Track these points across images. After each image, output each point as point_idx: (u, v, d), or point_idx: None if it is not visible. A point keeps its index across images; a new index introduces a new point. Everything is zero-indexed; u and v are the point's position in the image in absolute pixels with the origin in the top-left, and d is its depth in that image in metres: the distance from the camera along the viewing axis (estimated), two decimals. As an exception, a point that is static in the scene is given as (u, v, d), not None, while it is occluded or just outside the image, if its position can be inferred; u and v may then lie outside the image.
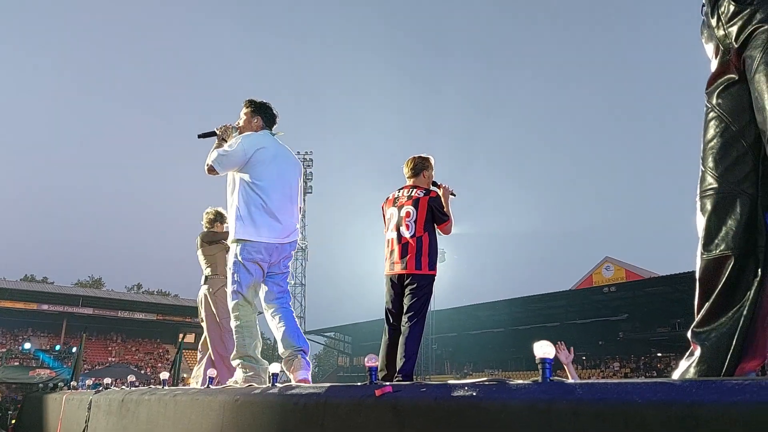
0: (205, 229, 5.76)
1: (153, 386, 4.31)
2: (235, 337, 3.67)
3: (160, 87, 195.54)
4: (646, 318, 33.99)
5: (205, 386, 3.44)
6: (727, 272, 1.82)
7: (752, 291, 1.77)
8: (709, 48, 2.05)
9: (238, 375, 3.57)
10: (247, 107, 4.11)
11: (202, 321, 5.52)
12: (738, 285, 1.81)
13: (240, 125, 4.06)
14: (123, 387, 5.24)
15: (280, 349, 3.68)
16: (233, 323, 3.68)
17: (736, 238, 1.82)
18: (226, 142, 3.94)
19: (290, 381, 3.41)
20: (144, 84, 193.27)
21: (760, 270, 1.78)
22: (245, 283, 3.66)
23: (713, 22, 1.99)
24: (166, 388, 3.82)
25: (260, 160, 3.81)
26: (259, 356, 3.69)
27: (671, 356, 32.54)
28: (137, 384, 5.15)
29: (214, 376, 3.49)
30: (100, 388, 5.14)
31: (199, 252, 5.63)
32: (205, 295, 5.45)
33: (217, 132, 4.01)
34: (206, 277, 5.51)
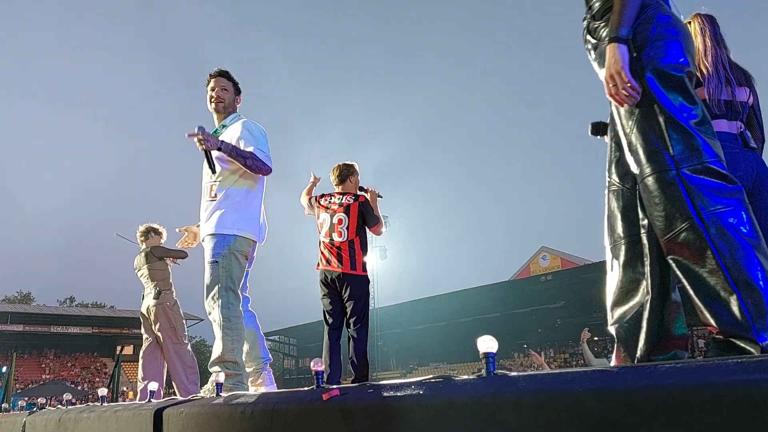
0: (143, 245, 5.73)
1: (91, 403, 4.16)
2: (221, 338, 3.31)
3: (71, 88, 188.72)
4: (582, 304, 35.06)
5: (147, 400, 3.35)
6: (622, 260, 2.00)
7: (647, 274, 1.92)
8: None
9: (221, 378, 3.10)
10: (229, 80, 3.72)
11: (149, 334, 5.50)
12: (635, 270, 1.98)
13: (227, 101, 3.68)
14: (59, 406, 5.05)
15: (245, 360, 3.53)
16: (221, 324, 3.30)
17: (624, 228, 2.00)
18: (219, 149, 3.36)
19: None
20: (51, 84, 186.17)
21: (647, 254, 1.93)
22: (236, 276, 3.38)
23: (583, 40, 2.17)
24: (106, 404, 3.70)
25: None
26: (243, 362, 3.42)
27: (607, 339, 33.71)
28: (74, 401, 4.96)
29: (155, 389, 3.40)
30: (35, 409, 4.91)
31: (147, 267, 5.59)
32: (162, 310, 5.44)
33: (204, 146, 3.33)
34: (159, 292, 5.48)
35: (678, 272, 1.74)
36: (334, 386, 1.90)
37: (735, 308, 1.59)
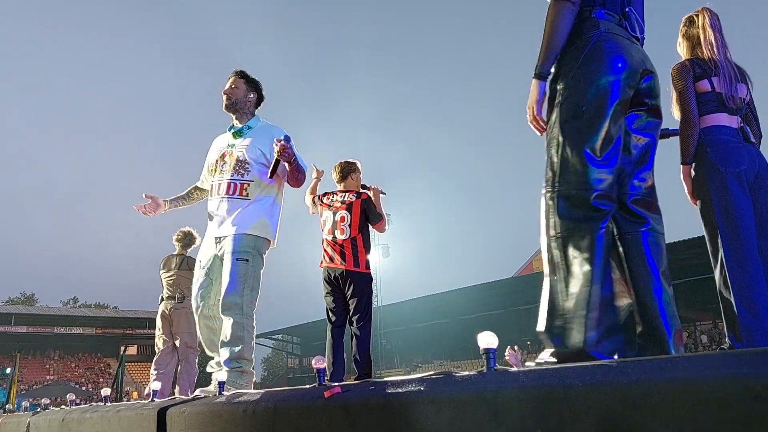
0: (180, 250, 5.91)
1: (95, 403, 4.18)
2: (241, 338, 3.34)
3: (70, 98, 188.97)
4: (585, 300, 34.94)
5: (150, 399, 3.36)
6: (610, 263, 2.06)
7: (627, 275, 2.02)
8: None
9: (222, 377, 3.03)
10: (240, 78, 3.68)
11: (168, 336, 5.70)
12: (620, 272, 2.07)
13: (234, 98, 3.63)
14: (63, 406, 5.06)
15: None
16: (244, 322, 3.35)
17: None
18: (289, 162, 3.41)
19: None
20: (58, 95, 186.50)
21: (623, 256, 2.04)
22: (259, 277, 3.50)
23: None
24: (109, 404, 3.71)
25: None
26: None
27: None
28: (78, 402, 4.98)
29: (158, 389, 3.40)
30: (39, 410, 4.93)
31: (177, 272, 5.78)
32: (185, 315, 5.61)
33: (283, 157, 3.34)
34: (183, 297, 5.66)
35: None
36: (336, 383, 1.91)
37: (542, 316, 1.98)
